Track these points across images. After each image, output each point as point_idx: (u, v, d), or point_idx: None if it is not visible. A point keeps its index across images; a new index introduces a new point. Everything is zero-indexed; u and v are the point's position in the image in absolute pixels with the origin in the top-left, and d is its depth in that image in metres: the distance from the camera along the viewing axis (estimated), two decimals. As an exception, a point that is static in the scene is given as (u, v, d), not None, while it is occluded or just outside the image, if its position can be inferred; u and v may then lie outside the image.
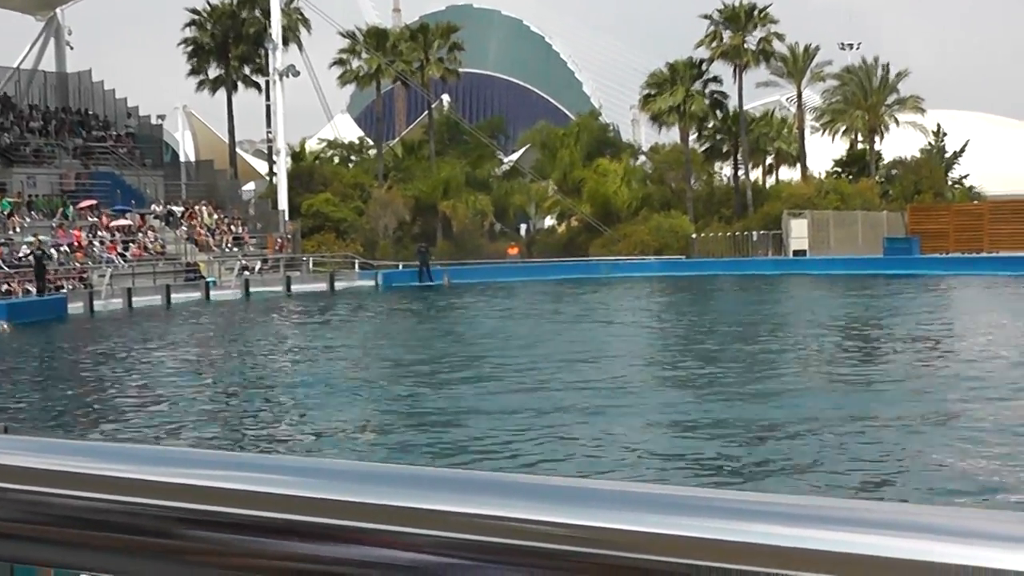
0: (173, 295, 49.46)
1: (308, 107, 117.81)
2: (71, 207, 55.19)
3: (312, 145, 79.35)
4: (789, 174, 77.64)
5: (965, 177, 79.36)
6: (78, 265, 49.48)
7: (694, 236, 67.72)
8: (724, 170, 77.15)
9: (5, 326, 36.38)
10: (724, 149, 74.08)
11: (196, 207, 62.03)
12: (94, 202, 56.26)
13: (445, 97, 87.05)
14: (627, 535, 0.68)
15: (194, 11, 71.37)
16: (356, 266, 61.86)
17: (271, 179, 70.12)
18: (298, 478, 0.80)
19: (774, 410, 16.96)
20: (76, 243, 51.14)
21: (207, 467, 0.84)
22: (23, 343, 33.22)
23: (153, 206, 60.25)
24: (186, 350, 30.59)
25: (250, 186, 79.97)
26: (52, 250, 48.18)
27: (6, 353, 30.51)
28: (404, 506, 0.75)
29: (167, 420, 18.27)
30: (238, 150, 78.65)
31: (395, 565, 0.74)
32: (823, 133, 76.93)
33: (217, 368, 26.36)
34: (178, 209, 61.06)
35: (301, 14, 70.19)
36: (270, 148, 70.93)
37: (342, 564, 0.75)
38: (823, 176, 75.51)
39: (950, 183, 77.98)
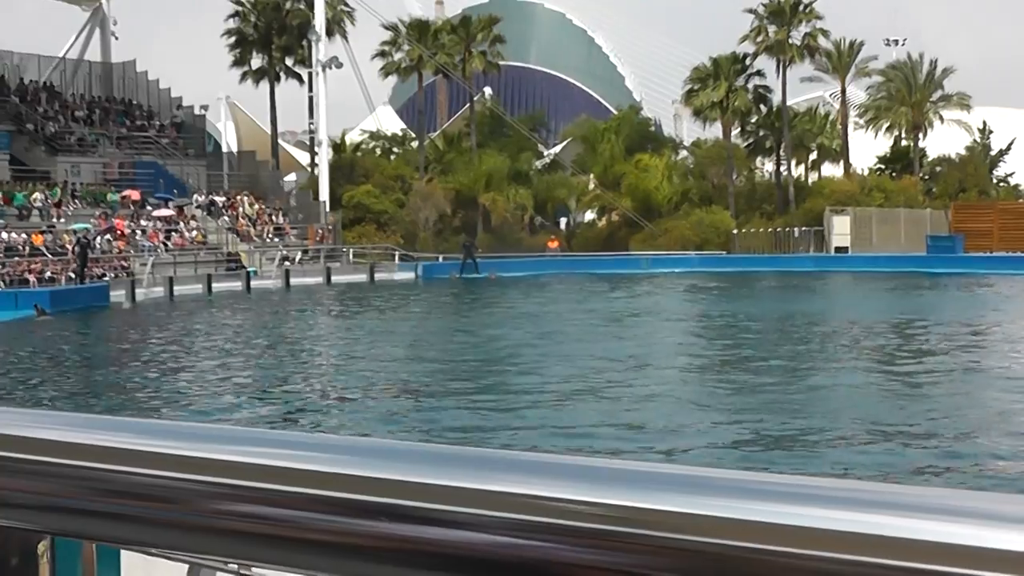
0: (214, 284, 49.70)
1: (350, 99, 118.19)
2: (116, 195, 55.58)
3: (354, 137, 79.49)
4: (832, 170, 77.10)
5: (1010, 175, 78.45)
6: (120, 253, 49.79)
7: (735, 232, 67.35)
8: (766, 166, 76.68)
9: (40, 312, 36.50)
10: (767, 145, 73.60)
11: (238, 197, 62.24)
12: (137, 195, 56.55)
13: (487, 90, 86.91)
14: (683, 517, 0.69)
15: (238, 2, 71.58)
16: (396, 258, 61.89)
17: (312, 170, 70.28)
18: (350, 457, 0.81)
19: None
20: (119, 232, 51.46)
21: (248, 444, 0.85)
22: (67, 330, 33.43)
23: (195, 196, 60.53)
24: (220, 339, 30.73)
25: (291, 177, 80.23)
26: (96, 239, 48.55)
27: (52, 339, 30.74)
28: (463, 487, 0.75)
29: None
30: (280, 141, 78.86)
31: (454, 543, 0.74)
32: (867, 129, 76.21)
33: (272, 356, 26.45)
34: (220, 199, 61.29)
35: (346, 3, 70.31)
36: (312, 139, 71.04)
37: (396, 543, 0.76)
38: (866, 173, 74.89)
39: (995, 181, 77.12)
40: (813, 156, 76.72)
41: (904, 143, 75.57)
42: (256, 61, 72.62)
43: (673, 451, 14.00)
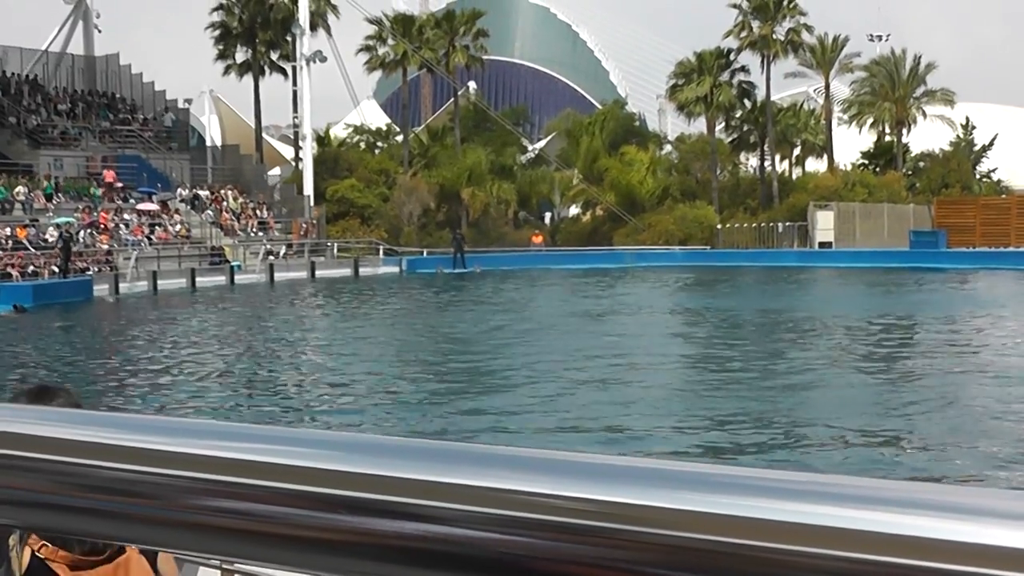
0: (198, 279, 49.65)
1: (334, 93, 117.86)
2: (98, 190, 55.43)
3: (338, 131, 79.38)
4: (815, 166, 77.32)
5: (993, 171, 78.83)
6: (104, 247, 49.62)
7: (719, 227, 67.48)
8: (750, 161, 76.87)
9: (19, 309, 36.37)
10: (751, 140, 73.75)
11: (222, 191, 62.13)
12: (112, 175, 56.45)
13: (471, 84, 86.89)
14: (664, 513, 0.68)
15: (222, -5, 71.42)
16: (380, 252, 61.85)
17: (297, 164, 70.19)
18: (331, 452, 0.81)
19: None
20: (102, 225, 51.30)
21: (229, 439, 0.85)
22: (49, 324, 33.33)
23: (179, 190, 60.37)
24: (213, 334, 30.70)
25: (276, 171, 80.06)
26: (79, 233, 48.41)
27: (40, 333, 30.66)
28: (445, 482, 0.75)
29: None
30: (264, 135, 78.71)
31: (436, 538, 0.73)
32: (850, 125, 76.49)
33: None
34: (204, 193, 61.15)
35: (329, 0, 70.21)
36: (296, 133, 70.96)
37: (370, 536, 0.75)
38: (850, 168, 75.13)
39: (978, 177, 77.49)
40: (797, 151, 76.95)
41: (888, 138, 75.85)
42: (240, 55, 72.55)
43: (648, 446, 14.05)
